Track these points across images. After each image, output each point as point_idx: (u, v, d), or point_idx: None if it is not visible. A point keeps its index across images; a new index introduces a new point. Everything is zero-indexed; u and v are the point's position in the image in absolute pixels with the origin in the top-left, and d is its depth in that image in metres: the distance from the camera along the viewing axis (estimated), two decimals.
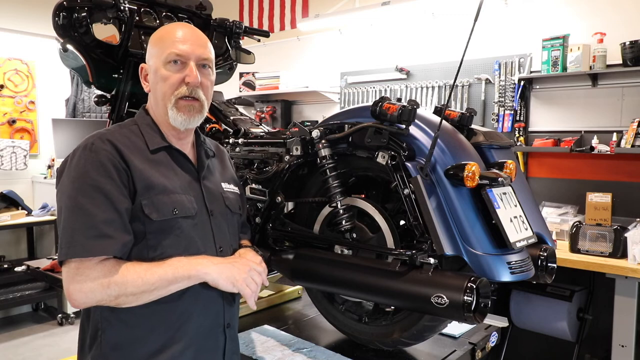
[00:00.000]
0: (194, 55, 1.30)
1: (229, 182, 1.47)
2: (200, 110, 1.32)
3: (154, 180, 1.24)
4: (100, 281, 1.13)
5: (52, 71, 4.83)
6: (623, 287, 2.69)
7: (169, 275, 1.18)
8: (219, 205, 1.38)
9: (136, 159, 1.24)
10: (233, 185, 1.48)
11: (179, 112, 1.29)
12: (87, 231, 1.13)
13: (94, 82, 2.32)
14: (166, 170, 1.29)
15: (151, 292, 1.17)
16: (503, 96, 3.58)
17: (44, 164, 4.91)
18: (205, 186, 1.37)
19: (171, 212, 1.24)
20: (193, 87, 1.29)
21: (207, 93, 1.34)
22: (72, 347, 4.02)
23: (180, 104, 1.29)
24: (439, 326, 1.62)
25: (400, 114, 1.43)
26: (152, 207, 1.22)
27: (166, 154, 1.33)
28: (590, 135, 3.19)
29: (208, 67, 1.34)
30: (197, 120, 1.32)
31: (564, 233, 3.10)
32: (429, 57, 4.00)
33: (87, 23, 2.17)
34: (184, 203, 1.28)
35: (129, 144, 1.27)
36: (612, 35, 3.09)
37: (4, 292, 4.36)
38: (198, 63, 1.31)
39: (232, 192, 1.46)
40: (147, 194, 1.22)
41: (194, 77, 1.28)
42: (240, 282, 1.26)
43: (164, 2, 2.45)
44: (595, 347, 3.07)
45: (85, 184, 1.16)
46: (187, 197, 1.29)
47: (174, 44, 1.29)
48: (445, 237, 1.36)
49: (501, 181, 1.40)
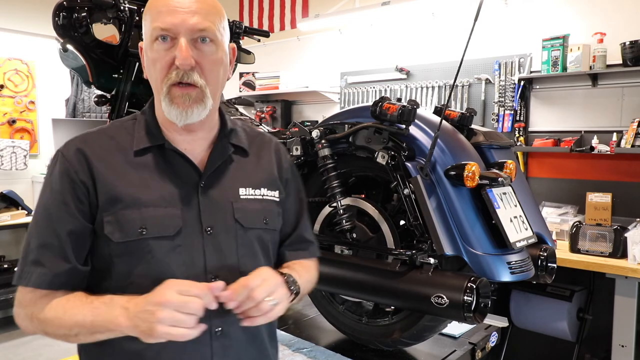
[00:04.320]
0: (184, 26, 0.97)
1: (259, 186, 1.11)
2: (199, 99, 1.01)
3: (121, 192, 0.99)
4: (27, 311, 0.99)
5: (52, 71, 4.83)
6: (623, 287, 2.69)
7: (87, 323, 0.94)
8: (223, 219, 1.05)
9: (109, 166, 1.01)
10: (267, 190, 1.12)
11: (172, 104, 1.00)
12: (27, 255, 0.99)
13: (94, 82, 2.32)
14: (149, 177, 1.03)
15: (75, 336, 0.97)
16: (503, 96, 3.58)
17: (44, 164, 4.91)
18: (207, 195, 1.05)
19: (137, 232, 0.98)
20: (184, 70, 0.98)
21: (210, 75, 1.02)
22: (72, 347, 4.01)
23: (173, 93, 1.00)
24: (439, 326, 1.62)
25: (400, 114, 1.43)
26: (115, 225, 0.98)
27: (155, 155, 1.05)
28: (590, 135, 3.19)
29: (209, 40, 1.00)
30: (198, 112, 1.01)
31: (564, 233, 3.10)
32: (429, 57, 4.00)
33: (87, 23, 2.17)
34: (160, 219, 1.00)
35: (110, 146, 1.05)
36: (612, 35, 3.09)
37: (4, 292, 4.35)
38: (193, 37, 0.99)
39: (256, 200, 1.09)
40: (112, 208, 0.99)
41: (182, 56, 0.97)
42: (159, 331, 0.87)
43: None
44: (595, 347, 3.06)
45: (39, 200, 1.02)
46: (168, 210, 1.01)
47: (160, 15, 0.98)
48: (445, 237, 1.36)
49: (501, 181, 1.40)
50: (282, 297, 0.99)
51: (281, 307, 0.99)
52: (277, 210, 1.14)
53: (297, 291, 1.08)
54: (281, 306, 0.99)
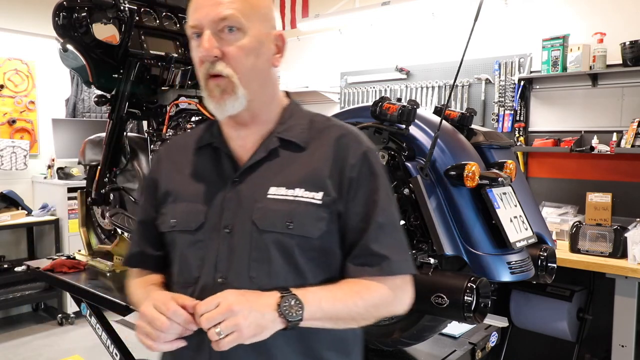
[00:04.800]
0: (207, 20, 0.98)
1: (296, 185, 1.00)
2: (230, 89, 0.99)
3: (172, 187, 1.09)
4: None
5: (52, 71, 4.82)
6: (623, 287, 2.69)
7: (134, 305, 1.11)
8: (242, 219, 1.01)
9: (173, 164, 1.11)
10: (304, 191, 1.00)
11: (209, 97, 1.01)
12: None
13: (94, 82, 2.32)
14: (196, 173, 1.08)
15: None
16: (503, 96, 3.58)
17: (44, 164, 4.91)
18: (236, 192, 1.03)
19: (170, 224, 1.06)
20: (210, 62, 0.98)
21: (237, 64, 0.99)
22: (72, 347, 4.03)
23: (207, 86, 1.01)
24: (439, 326, 1.62)
25: (400, 114, 1.43)
26: (162, 217, 1.09)
27: (209, 152, 1.09)
28: (590, 135, 3.19)
29: (236, 28, 0.98)
30: (231, 103, 1.00)
31: (564, 233, 3.10)
32: (429, 57, 4.00)
33: (87, 23, 2.17)
34: (186, 214, 1.05)
35: (182, 145, 1.14)
36: (612, 35, 3.09)
37: (4, 292, 4.35)
38: (217, 28, 0.98)
39: (285, 201, 1.00)
40: (164, 202, 1.09)
41: (204, 48, 0.97)
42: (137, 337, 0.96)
43: (164, 2, 2.45)
44: (595, 347, 3.06)
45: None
46: (196, 206, 1.04)
47: (190, 15, 1.01)
48: (445, 237, 1.36)
49: (501, 181, 1.40)
50: (235, 327, 0.87)
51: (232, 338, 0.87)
52: (315, 214, 0.99)
53: (297, 319, 0.91)
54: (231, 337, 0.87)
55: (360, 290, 0.99)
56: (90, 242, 2.70)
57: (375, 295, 0.99)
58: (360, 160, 1.02)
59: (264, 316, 0.90)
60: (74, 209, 4.32)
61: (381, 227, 1.01)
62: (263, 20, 1.03)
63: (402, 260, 1.02)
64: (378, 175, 1.04)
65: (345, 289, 0.99)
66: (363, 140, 1.07)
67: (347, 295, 0.97)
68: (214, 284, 1.00)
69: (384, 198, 1.03)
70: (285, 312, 0.91)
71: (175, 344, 0.94)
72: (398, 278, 1.02)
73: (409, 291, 1.05)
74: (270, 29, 1.04)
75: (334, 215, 1.01)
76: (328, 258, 1.03)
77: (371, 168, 1.03)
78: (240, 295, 0.91)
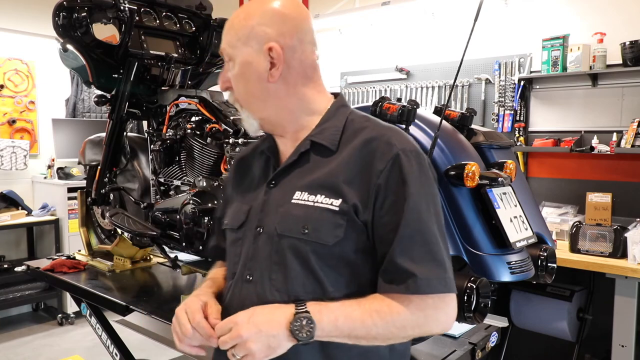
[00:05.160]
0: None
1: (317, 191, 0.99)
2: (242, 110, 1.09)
3: (233, 189, 1.19)
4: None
5: (52, 71, 4.82)
6: (623, 287, 2.69)
7: None
8: (269, 222, 1.03)
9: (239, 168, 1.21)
10: (324, 197, 0.98)
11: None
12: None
13: (94, 82, 2.32)
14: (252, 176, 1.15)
15: None
16: (503, 96, 3.58)
17: (44, 164, 4.90)
18: (271, 194, 1.06)
19: (225, 222, 1.16)
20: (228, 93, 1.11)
21: (237, 91, 1.08)
22: (72, 347, 4.03)
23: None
24: None
25: (400, 114, 1.43)
26: (225, 216, 1.19)
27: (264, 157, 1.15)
28: (590, 135, 3.19)
29: (228, 59, 1.07)
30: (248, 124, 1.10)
31: (564, 233, 3.10)
32: (429, 57, 4.00)
33: (87, 23, 2.17)
34: (234, 213, 1.12)
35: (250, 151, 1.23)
36: (612, 35, 3.09)
37: (4, 292, 4.35)
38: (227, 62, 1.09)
39: (304, 206, 0.99)
40: (228, 203, 1.20)
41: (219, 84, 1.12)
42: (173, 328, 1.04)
43: (164, 2, 2.45)
44: (595, 347, 3.06)
45: None
46: (241, 206, 1.11)
47: None
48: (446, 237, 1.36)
49: (501, 181, 1.40)
50: (246, 350, 0.89)
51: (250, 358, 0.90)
52: (331, 220, 0.96)
53: (309, 337, 0.90)
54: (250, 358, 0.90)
55: (381, 310, 0.93)
56: (90, 242, 2.70)
57: (398, 317, 0.93)
58: (389, 166, 0.96)
59: (274, 337, 0.90)
60: (74, 209, 4.32)
61: (409, 239, 0.94)
62: (247, 41, 1.03)
63: (432, 277, 0.93)
64: (409, 182, 0.95)
65: (366, 307, 0.93)
66: (396, 142, 0.98)
67: (366, 314, 0.93)
68: (243, 281, 1.04)
69: (417, 207, 0.95)
70: (296, 333, 0.90)
71: (195, 350, 0.99)
72: (430, 297, 0.93)
73: (446, 310, 0.96)
74: (259, 45, 1.02)
75: (355, 223, 0.97)
76: (351, 268, 0.99)
77: (402, 174, 0.96)
78: (249, 318, 0.92)
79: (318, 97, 1.09)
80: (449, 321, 0.98)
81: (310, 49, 1.08)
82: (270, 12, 1.03)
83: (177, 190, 2.25)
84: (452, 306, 0.97)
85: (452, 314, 0.97)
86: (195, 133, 2.12)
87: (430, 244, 0.95)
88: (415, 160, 0.98)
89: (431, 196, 0.99)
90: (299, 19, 1.05)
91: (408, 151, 0.98)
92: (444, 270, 0.95)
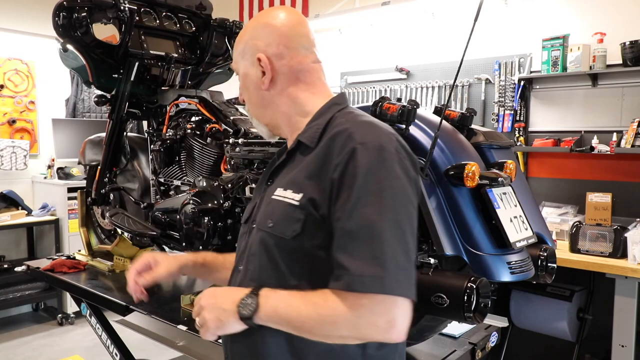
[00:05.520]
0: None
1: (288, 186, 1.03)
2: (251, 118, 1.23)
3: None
4: None
5: (52, 71, 4.83)
6: (623, 287, 2.69)
7: None
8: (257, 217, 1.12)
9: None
10: (290, 192, 1.01)
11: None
12: None
13: (94, 82, 2.33)
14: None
15: None
16: (503, 96, 3.58)
17: (44, 164, 4.91)
18: (267, 190, 1.13)
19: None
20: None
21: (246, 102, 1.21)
22: (72, 347, 4.03)
23: None
24: (439, 326, 1.62)
25: (400, 114, 1.43)
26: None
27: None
28: (590, 135, 3.19)
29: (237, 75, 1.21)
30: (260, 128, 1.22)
31: (564, 233, 3.10)
32: (429, 57, 4.00)
33: (87, 23, 2.17)
34: (247, 209, 1.22)
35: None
36: (612, 35, 3.09)
37: (4, 292, 4.35)
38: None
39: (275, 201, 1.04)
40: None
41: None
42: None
43: (164, 2, 2.45)
44: (595, 347, 3.06)
45: None
46: (251, 203, 1.21)
47: None
48: (446, 237, 1.36)
49: (501, 181, 1.40)
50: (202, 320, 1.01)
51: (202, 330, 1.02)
52: (292, 214, 0.99)
53: (248, 316, 0.95)
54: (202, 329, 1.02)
55: (317, 302, 0.92)
56: (90, 242, 2.70)
57: (331, 312, 0.90)
58: (345, 160, 0.94)
59: (224, 311, 0.99)
60: (74, 209, 4.32)
61: (352, 234, 0.90)
62: (244, 55, 1.15)
63: (366, 275, 0.87)
64: (360, 176, 0.92)
65: (308, 299, 0.93)
66: (358, 137, 0.96)
67: (304, 306, 0.92)
68: (235, 270, 1.15)
69: (366, 202, 0.91)
70: (239, 309, 0.97)
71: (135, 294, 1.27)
72: (365, 297, 0.87)
73: (386, 316, 0.87)
74: (252, 57, 1.13)
75: (315, 218, 0.97)
76: (314, 262, 0.98)
77: (356, 168, 0.93)
78: (213, 291, 1.05)
79: (312, 99, 1.12)
80: (391, 330, 0.88)
81: (303, 54, 1.13)
82: (260, 25, 1.13)
83: (177, 190, 2.25)
84: (396, 313, 0.88)
85: (395, 321, 0.88)
86: (195, 133, 2.12)
87: (375, 241, 0.89)
88: (375, 155, 0.94)
89: (390, 191, 0.92)
90: (287, 27, 1.12)
91: (369, 146, 0.94)
92: (384, 270, 0.87)
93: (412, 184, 0.97)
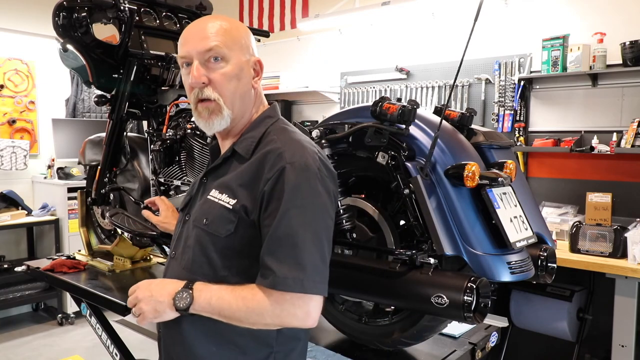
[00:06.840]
0: (195, 52, 1.17)
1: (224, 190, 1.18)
2: (217, 111, 1.19)
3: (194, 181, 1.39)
4: None
5: (52, 71, 4.83)
6: (623, 287, 2.69)
7: None
8: (193, 211, 1.25)
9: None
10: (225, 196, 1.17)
11: (198, 118, 1.22)
12: None
13: (94, 82, 2.32)
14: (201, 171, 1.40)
15: None
16: (503, 96, 3.58)
17: (44, 164, 4.91)
18: (201, 187, 1.28)
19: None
20: (198, 89, 1.18)
21: (222, 89, 1.18)
22: (72, 347, 4.03)
23: (197, 108, 1.21)
24: (438, 326, 1.62)
25: (400, 114, 1.43)
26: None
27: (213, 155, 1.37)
28: (590, 135, 3.19)
29: (220, 58, 1.17)
30: (218, 122, 1.20)
31: (564, 233, 3.10)
32: (429, 57, 4.00)
33: (87, 23, 2.17)
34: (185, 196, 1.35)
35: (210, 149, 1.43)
36: (612, 35, 3.09)
37: (4, 292, 4.35)
38: (204, 58, 1.17)
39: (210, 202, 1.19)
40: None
41: (193, 76, 1.17)
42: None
43: (164, 2, 2.45)
44: (595, 347, 3.07)
45: None
46: (188, 192, 1.34)
47: (180, 47, 1.22)
48: (445, 237, 1.36)
49: (501, 181, 1.40)
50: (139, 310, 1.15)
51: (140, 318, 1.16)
52: (226, 216, 1.15)
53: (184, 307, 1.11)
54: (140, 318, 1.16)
55: (246, 297, 1.09)
56: (90, 242, 2.70)
57: (258, 305, 1.08)
58: (275, 176, 1.10)
59: (161, 303, 1.13)
60: (74, 209, 4.32)
61: (277, 240, 1.08)
62: (242, 49, 1.21)
63: (289, 277, 1.06)
64: (288, 191, 1.09)
65: (237, 293, 1.10)
66: (287, 157, 1.12)
67: (234, 299, 1.10)
68: (170, 257, 1.30)
69: (290, 215, 1.08)
70: (175, 302, 1.12)
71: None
72: (287, 294, 1.06)
73: (304, 308, 1.08)
74: (249, 56, 1.23)
75: (246, 221, 1.14)
76: (243, 258, 1.16)
77: (284, 184, 1.09)
78: (148, 284, 1.18)
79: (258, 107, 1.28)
80: (308, 319, 1.09)
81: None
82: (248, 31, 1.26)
83: (177, 190, 2.25)
84: (312, 305, 1.09)
85: (311, 312, 1.09)
86: (195, 133, 2.12)
87: (297, 249, 1.07)
88: (301, 174, 1.10)
89: (311, 207, 1.10)
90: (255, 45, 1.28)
91: (297, 165, 1.11)
92: (303, 273, 1.06)
93: (330, 198, 1.15)
